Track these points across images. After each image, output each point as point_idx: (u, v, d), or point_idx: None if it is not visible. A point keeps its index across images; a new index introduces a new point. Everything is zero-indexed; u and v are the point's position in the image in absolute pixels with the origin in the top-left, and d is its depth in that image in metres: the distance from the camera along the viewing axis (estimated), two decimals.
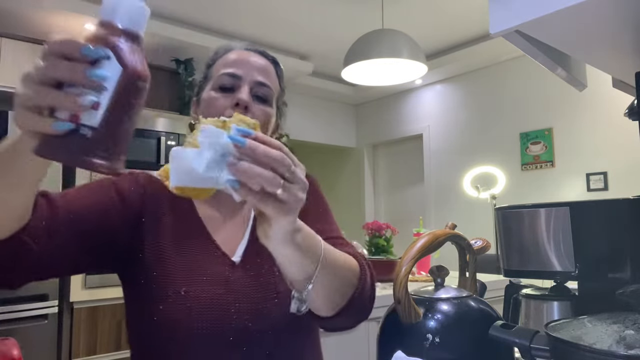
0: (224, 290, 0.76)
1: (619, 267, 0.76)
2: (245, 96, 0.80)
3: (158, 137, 3.49)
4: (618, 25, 0.68)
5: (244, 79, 0.83)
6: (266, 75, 0.86)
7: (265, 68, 0.88)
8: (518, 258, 0.88)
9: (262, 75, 0.85)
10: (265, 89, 0.85)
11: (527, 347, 0.62)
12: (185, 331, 0.72)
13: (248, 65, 0.85)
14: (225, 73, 0.82)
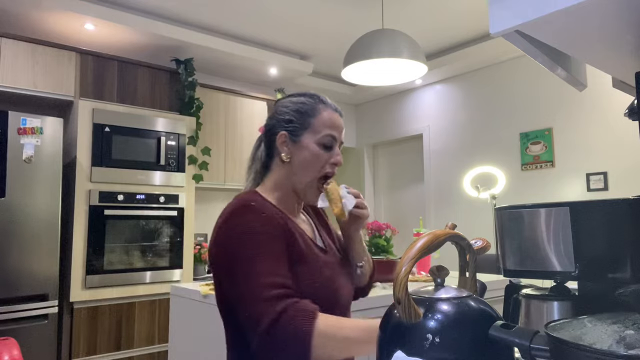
0: (330, 273, 1.09)
1: (619, 267, 0.76)
2: (340, 157, 1.12)
3: (158, 137, 3.49)
4: (618, 25, 0.68)
5: (337, 140, 1.13)
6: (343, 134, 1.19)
7: (344, 128, 1.18)
8: (518, 258, 0.88)
9: (342, 134, 1.16)
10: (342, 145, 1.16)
11: (527, 347, 0.62)
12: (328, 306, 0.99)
13: (339, 128, 1.13)
14: (329, 135, 1.10)
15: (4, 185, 2.73)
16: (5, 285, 2.70)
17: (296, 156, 1.09)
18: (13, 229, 2.75)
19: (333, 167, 1.09)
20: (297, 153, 1.09)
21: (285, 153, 1.10)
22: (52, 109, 3.42)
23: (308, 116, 1.10)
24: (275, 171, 1.13)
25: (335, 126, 1.11)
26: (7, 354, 1.40)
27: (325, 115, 1.10)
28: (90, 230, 3.12)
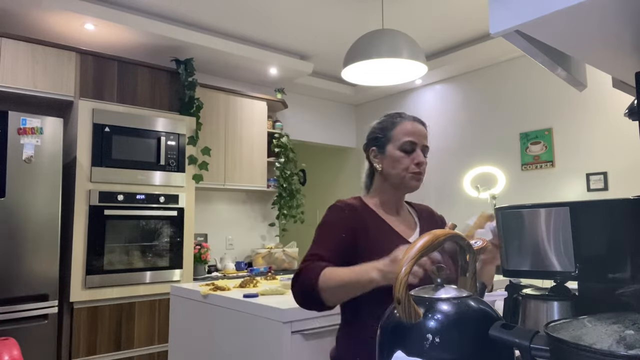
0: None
1: (619, 267, 0.76)
2: (422, 159, 1.35)
3: (158, 137, 3.49)
4: (618, 25, 0.68)
5: (418, 144, 1.35)
6: (427, 140, 1.39)
7: (426, 135, 1.39)
8: (518, 258, 0.88)
9: (425, 140, 1.38)
10: (427, 150, 1.39)
11: (527, 347, 0.62)
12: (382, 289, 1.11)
13: (419, 134, 1.36)
14: (408, 141, 1.34)
15: (4, 185, 2.73)
16: (5, 285, 2.70)
17: (385, 164, 1.37)
18: (13, 229, 2.75)
19: (417, 166, 1.33)
20: (385, 161, 1.36)
21: (377, 164, 1.39)
22: (52, 109, 3.42)
23: (388, 130, 1.37)
24: (376, 180, 1.43)
25: (412, 133, 1.34)
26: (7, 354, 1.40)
27: (403, 126, 1.36)
28: (90, 230, 3.12)
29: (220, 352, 2.02)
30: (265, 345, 1.77)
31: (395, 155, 1.35)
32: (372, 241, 1.28)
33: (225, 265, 4.14)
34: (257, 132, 4.30)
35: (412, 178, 1.35)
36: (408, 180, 1.35)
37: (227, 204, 4.48)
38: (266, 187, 4.37)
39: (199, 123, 3.77)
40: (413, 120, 1.37)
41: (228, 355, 1.97)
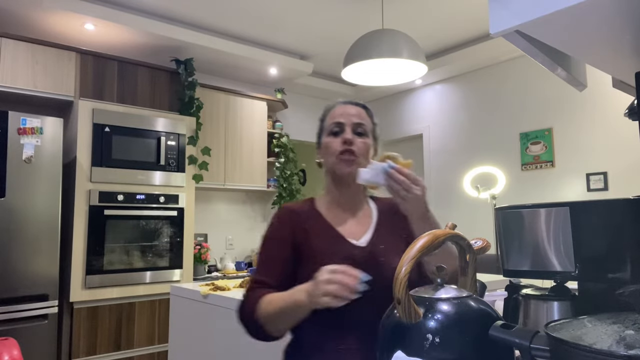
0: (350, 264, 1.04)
1: (619, 267, 0.76)
2: (349, 135, 1.20)
3: (158, 137, 3.49)
4: (618, 25, 0.68)
5: (346, 124, 1.22)
6: (361, 118, 1.25)
7: (359, 113, 1.26)
8: (518, 258, 0.88)
9: (357, 118, 1.24)
10: (361, 126, 1.24)
11: (527, 347, 0.62)
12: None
13: (347, 114, 1.24)
14: (334, 122, 1.23)
15: (4, 185, 2.73)
16: (5, 285, 2.70)
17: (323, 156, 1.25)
18: (13, 229, 2.75)
19: (344, 144, 1.19)
20: (322, 153, 1.26)
21: (319, 160, 1.28)
22: (52, 109, 3.42)
23: (323, 121, 1.29)
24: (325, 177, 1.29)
25: (340, 114, 1.23)
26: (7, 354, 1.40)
27: (333, 112, 1.26)
28: (90, 230, 3.12)
29: (220, 352, 2.02)
30: (265, 345, 1.76)
31: (325, 142, 1.24)
32: (312, 249, 1.16)
33: (225, 265, 4.14)
34: (257, 132, 4.30)
35: (342, 162, 1.18)
36: (337, 165, 1.19)
37: (227, 204, 4.48)
38: (266, 187, 4.37)
39: (199, 123, 3.77)
40: (344, 104, 1.27)
41: (228, 355, 1.97)
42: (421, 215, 1.05)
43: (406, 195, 1.02)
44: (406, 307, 0.68)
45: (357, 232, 1.21)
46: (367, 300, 1.05)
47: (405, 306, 0.68)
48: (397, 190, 1.02)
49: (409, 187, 1.02)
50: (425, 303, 0.71)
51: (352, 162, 1.18)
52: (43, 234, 2.85)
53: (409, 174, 1.02)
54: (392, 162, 1.05)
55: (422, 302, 0.71)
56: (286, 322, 1.07)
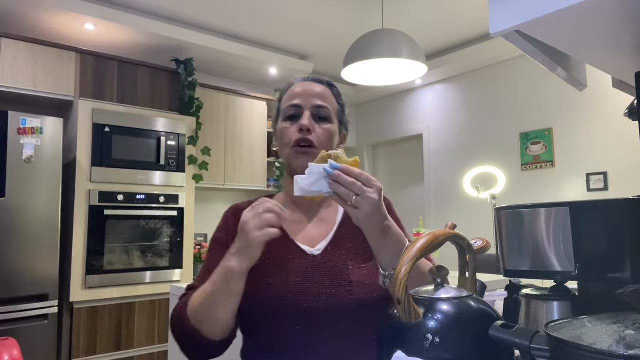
0: (301, 278, 0.94)
1: (619, 267, 0.76)
2: (306, 121, 0.99)
3: (158, 137, 3.49)
4: (618, 25, 0.68)
5: (305, 106, 1.01)
6: (323, 99, 1.04)
7: (322, 93, 1.05)
8: (518, 258, 0.88)
9: (319, 99, 1.03)
10: (324, 110, 1.03)
11: (527, 347, 0.62)
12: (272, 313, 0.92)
13: (307, 94, 1.03)
14: (290, 105, 1.02)
15: (4, 185, 2.73)
16: (5, 285, 2.70)
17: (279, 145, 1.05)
18: (13, 229, 2.75)
19: (301, 132, 0.99)
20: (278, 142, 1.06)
21: (275, 148, 1.09)
22: (52, 109, 3.42)
23: (279, 102, 1.08)
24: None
25: (298, 94, 1.02)
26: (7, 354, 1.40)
27: (289, 92, 1.05)
28: (90, 230, 3.12)
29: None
30: None
31: (280, 129, 1.03)
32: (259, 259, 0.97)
33: None
34: (257, 132, 4.30)
35: (297, 152, 0.98)
36: (293, 158, 0.99)
37: (227, 204, 4.47)
38: (266, 187, 4.37)
39: (199, 123, 3.77)
40: (305, 81, 1.07)
41: (228, 354, 1.97)
42: (379, 226, 0.82)
43: (360, 202, 0.78)
44: (406, 307, 0.68)
45: (314, 237, 1.02)
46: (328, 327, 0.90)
47: (405, 306, 0.68)
48: (347, 197, 0.78)
49: (362, 191, 0.78)
50: (425, 303, 0.71)
51: (309, 152, 0.98)
52: (43, 234, 2.85)
53: (359, 173, 0.79)
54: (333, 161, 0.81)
55: (422, 302, 0.71)
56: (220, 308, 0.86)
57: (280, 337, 0.92)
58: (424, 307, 0.70)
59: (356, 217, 0.80)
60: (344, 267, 0.96)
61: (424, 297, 0.73)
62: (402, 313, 0.68)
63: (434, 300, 0.71)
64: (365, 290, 0.94)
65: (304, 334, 0.91)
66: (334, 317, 0.91)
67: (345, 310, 0.91)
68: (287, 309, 0.91)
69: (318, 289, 0.92)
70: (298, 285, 0.93)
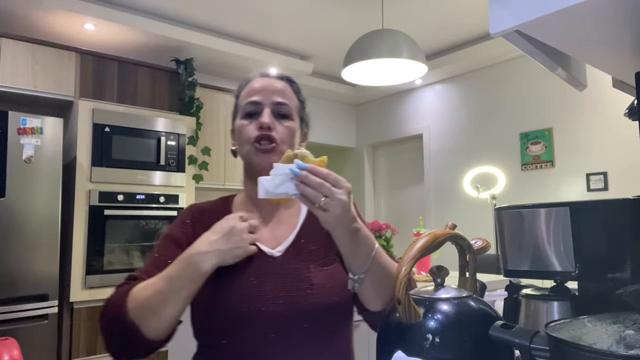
0: (260, 280, 0.89)
1: (619, 267, 0.76)
2: (266, 119, 0.95)
3: (158, 137, 3.49)
4: (618, 25, 0.68)
5: (264, 103, 0.97)
6: (283, 95, 1.00)
7: (282, 89, 1.02)
8: (518, 258, 0.88)
9: (279, 96, 0.99)
10: (285, 107, 0.99)
11: (527, 347, 0.62)
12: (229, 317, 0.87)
13: (267, 91, 0.99)
14: (249, 102, 0.98)
15: (4, 185, 2.73)
16: (5, 285, 2.70)
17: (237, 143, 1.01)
18: (13, 229, 2.75)
19: (261, 130, 0.94)
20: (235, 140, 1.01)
21: (233, 147, 1.03)
22: (52, 109, 3.42)
23: (236, 98, 1.03)
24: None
25: (257, 90, 0.98)
26: (7, 354, 1.40)
27: (247, 88, 1.01)
28: (90, 230, 3.12)
29: None
30: None
31: (238, 126, 0.99)
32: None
33: None
34: None
35: (257, 151, 0.94)
36: (254, 156, 0.95)
37: None
38: None
39: (199, 123, 3.77)
40: (263, 77, 1.03)
41: None
42: (348, 228, 0.79)
43: (328, 204, 0.74)
44: (406, 307, 0.68)
45: (275, 238, 0.97)
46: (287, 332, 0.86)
47: (405, 306, 0.68)
48: (315, 198, 0.74)
49: (330, 192, 0.74)
50: (425, 303, 0.71)
51: (272, 150, 0.94)
52: (43, 234, 2.85)
53: (327, 174, 0.76)
54: (300, 161, 0.78)
55: (422, 302, 0.71)
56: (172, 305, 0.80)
57: (237, 342, 0.87)
58: (424, 307, 0.70)
59: (325, 220, 0.77)
60: (305, 269, 0.92)
61: (424, 297, 0.73)
62: (402, 313, 0.68)
63: (434, 300, 0.71)
64: (327, 293, 0.90)
65: (262, 338, 0.86)
66: (293, 321, 0.87)
67: (305, 314, 0.88)
68: (244, 313, 0.86)
69: (277, 292, 0.88)
70: (256, 287, 0.88)
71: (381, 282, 0.84)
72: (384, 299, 0.86)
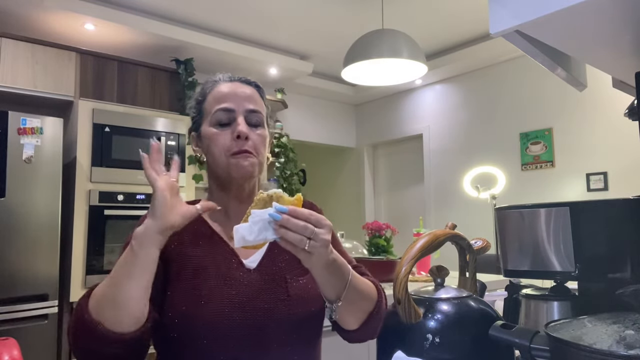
0: (236, 292, 0.86)
1: (619, 267, 0.76)
2: (244, 128, 0.90)
3: (158, 137, 3.49)
4: (618, 25, 0.68)
5: (237, 111, 0.92)
6: (254, 102, 0.95)
7: (252, 96, 0.96)
8: (518, 258, 0.88)
9: (251, 103, 0.94)
10: (257, 115, 0.94)
11: (527, 347, 0.62)
12: (205, 328, 0.83)
13: (238, 97, 0.94)
14: (220, 109, 0.92)
15: (4, 185, 2.73)
16: (5, 285, 2.70)
17: (206, 150, 0.95)
18: (13, 229, 2.75)
19: (238, 141, 0.90)
20: (203, 147, 0.95)
21: (199, 153, 0.98)
22: (52, 109, 3.41)
23: (201, 102, 0.97)
24: (208, 175, 0.99)
25: (227, 96, 0.93)
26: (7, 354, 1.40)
27: (214, 93, 0.95)
28: (90, 230, 3.12)
29: None
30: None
31: (208, 134, 0.93)
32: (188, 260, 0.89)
33: None
34: None
35: (236, 163, 0.90)
36: (232, 167, 0.90)
37: None
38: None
39: None
40: (231, 81, 0.97)
41: None
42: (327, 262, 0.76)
43: (313, 245, 0.71)
44: (406, 307, 0.68)
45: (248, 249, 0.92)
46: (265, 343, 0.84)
47: (405, 306, 0.68)
48: (299, 243, 0.71)
49: (314, 234, 0.71)
50: (425, 303, 0.71)
51: (249, 161, 0.91)
52: (43, 234, 2.85)
53: (309, 214, 0.72)
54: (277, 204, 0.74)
55: (422, 302, 0.71)
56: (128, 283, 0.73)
57: (212, 354, 0.83)
58: (424, 307, 0.70)
59: (308, 261, 0.74)
60: (282, 280, 0.90)
61: (424, 297, 0.73)
62: (402, 313, 0.68)
63: (434, 300, 0.71)
64: (304, 303, 0.89)
65: (238, 350, 0.83)
66: (271, 332, 0.85)
67: (283, 325, 0.87)
68: (222, 325, 0.83)
69: (255, 304, 0.85)
70: (233, 298, 0.85)
71: (356, 303, 0.84)
72: (360, 318, 0.86)
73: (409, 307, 0.68)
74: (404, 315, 0.68)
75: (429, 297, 0.73)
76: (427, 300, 0.72)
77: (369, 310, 0.87)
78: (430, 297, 0.73)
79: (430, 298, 0.72)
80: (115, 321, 0.72)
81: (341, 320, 0.86)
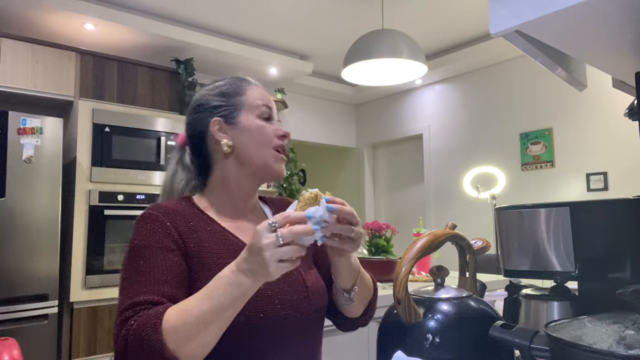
0: (264, 286, 0.83)
1: (619, 267, 0.76)
2: (287, 129, 1.00)
3: (158, 137, 3.49)
4: (618, 25, 0.68)
5: (274, 111, 1.02)
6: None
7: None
8: (518, 258, 0.88)
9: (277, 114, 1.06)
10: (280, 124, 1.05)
11: (527, 347, 0.62)
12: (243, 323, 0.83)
13: (272, 102, 1.03)
14: (265, 105, 1.00)
15: (4, 185, 2.73)
16: (5, 285, 2.70)
17: (240, 139, 0.95)
18: (13, 229, 2.75)
19: (282, 139, 0.98)
20: (240, 135, 0.96)
21: (226, 140, 0.95)
22: (52, 109, 3.41)
23: (238, 95, 1.01)
24: (218, 169, 0.97)
25: (268, 99, 1.02)
26: (7, 354, 1.40)
27: (256, 90, 1.02)
28: (90, 230, 3.12)
29: None
30: None
31: (255, 124, 0.96)
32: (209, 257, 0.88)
33: None
34: None
35: (278, 158, 0.97)
36: (274, 160, 0.96)
37: None
38: (266, 187, 4.36)
39: None
40: (258, 85, 1.06)
41: None
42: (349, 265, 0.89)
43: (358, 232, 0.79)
44: (406, 307, 0.68)
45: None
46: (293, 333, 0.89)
47: (405, 306, 0.68)
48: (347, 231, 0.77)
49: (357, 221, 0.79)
50: (425, 303, 0.71)
51: (284, 161, 0.99)
52: (43, 234, 2.85)
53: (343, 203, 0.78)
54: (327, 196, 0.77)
55: (422, 302, 0.71)
56: (216, 328, 0.73)
57: (246, 347, 0.85)
58: (424, 307, 0.70)
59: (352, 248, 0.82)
60: (298, 272, 0.94)
61: (424, 297, 0.73)
62: (402, 313, 0.68)
63: (434, 300, 0.71)
64: (319, 293, 0.96)
65: (261, 343, 0.86)
66: (292, 324, 0.89)
67: (304, 316, 0.91)
68: (257, 318, 0.85)
69: (282, 296, 0.89)
70: (263, 292, 0.86)
71: (364, 290, 0.96)
72: (364, 305, 0.99)
73: (409, 307, 0.68)
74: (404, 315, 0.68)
75: (429, 297, 0.73)
76: (427, 300, 0.72)
77: (370, 297, 1.00)
78: (430, 297, 0.73)
79: (430, 298, 0.72)
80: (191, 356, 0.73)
81: (351, 309, 0.96)
